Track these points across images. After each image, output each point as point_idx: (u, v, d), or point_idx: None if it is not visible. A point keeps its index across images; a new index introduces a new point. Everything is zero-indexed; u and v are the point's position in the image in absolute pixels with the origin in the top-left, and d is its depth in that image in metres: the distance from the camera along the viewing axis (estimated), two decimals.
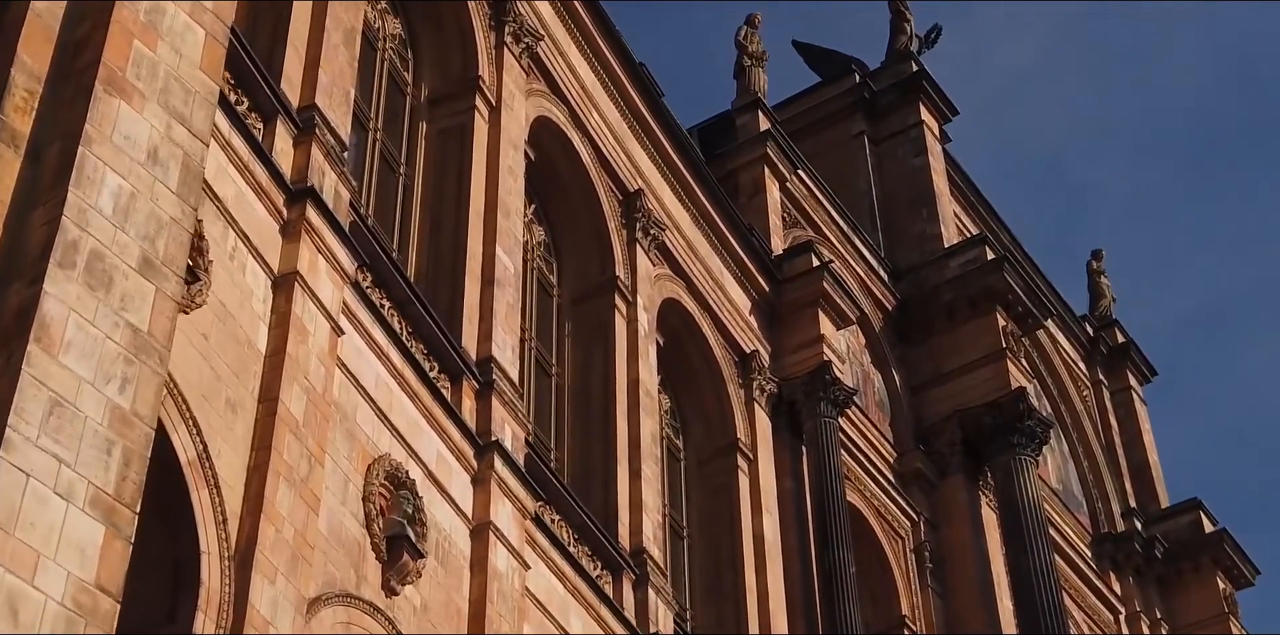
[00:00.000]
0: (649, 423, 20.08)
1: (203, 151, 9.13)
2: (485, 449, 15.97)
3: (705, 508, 22.23)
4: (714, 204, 23.91)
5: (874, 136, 31.69)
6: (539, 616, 16.26)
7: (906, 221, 30.56)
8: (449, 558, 15.00)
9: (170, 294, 8.75)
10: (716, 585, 21.54)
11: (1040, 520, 26.18)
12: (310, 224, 13.82)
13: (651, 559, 18.74)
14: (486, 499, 15.69)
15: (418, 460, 14.95)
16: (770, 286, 24.75)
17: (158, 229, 8.78)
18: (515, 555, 15.80)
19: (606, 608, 17.54)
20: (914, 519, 26.17)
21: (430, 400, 15.48)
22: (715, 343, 23.16)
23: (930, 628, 25.15)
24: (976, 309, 28.42)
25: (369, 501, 13.91)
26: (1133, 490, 33.40)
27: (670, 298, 22.48)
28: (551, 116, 20.62)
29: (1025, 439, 26.85)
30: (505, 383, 16.75)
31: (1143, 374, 35.89)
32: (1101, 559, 31.54)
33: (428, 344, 15.97)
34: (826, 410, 23.76)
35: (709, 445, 22.72)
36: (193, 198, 9.09)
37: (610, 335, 20.35)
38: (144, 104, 8.64)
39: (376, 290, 15.38)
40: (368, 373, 14.62)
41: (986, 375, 27.76)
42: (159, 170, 8.76)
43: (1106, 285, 37.31)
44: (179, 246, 8.93)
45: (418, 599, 14.26)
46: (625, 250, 21.31)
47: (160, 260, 8.71)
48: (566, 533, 17.60)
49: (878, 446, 26.38)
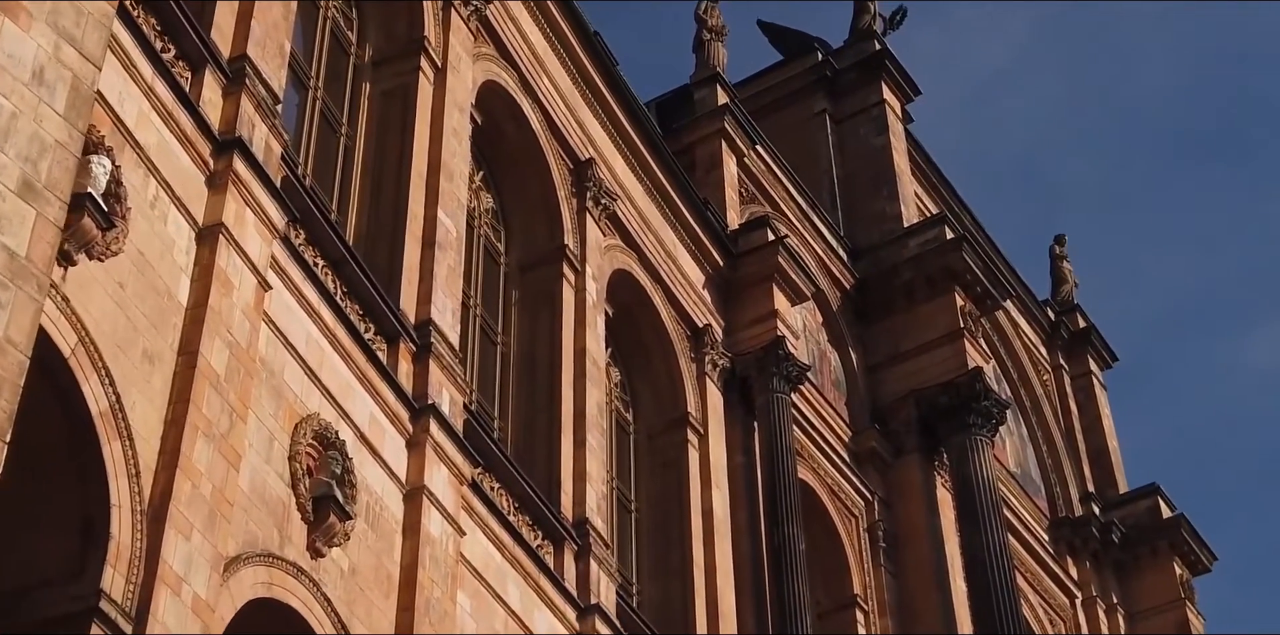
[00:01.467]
0: (595, 393, 19.78)
1: (94, 75, 8.78)
2: (421, 412, 15.64)
3: (654, 482, 21.95)
4: (668, 176, 23.61)
5: (836, 115, 31.44)
6: (475, 584, 15.95)
7: (867, 201, 30.32)
8: (380, 521, 14.67)
9: (53, 219, 8.39)
10: (664, 560, 21.26)
11: (995, 500, 25.99)
12: (237, 176, 13.46)
13: (595, 530, 18.45)
14: (421, 463, 15.37)
15: (349, 421, 14.62)
16: (725, 261, 24.47)
17: (40, 152, 8.40)
18: (450, 521, 15.48)
19: (546, 578, 17.25)
20: (868, 498, 25.95)
21: (364, 361, 15.14)
22: (667, 316, 22.87)
23: (882, 607, 24.94)
24: (935, 289, 28.21)
25: (295, 461, 13.57)
26: (1091, 475, 33.28)
27: (621, 269, 22.18)
28: (500, 81, 20.28)
29: (981, 419, 26.66)
30: (444, 346, 16.43)
31: (1103, 359, 35.76)
32: (1059, 543, 31.39)
33: (364, 305, 15.63)
34: (779, 386, 23.50)
35: (659, 419, 22.43)
36: (81, 122, 8.73)
37: (557, 304, 20.04)
38: (31, 22, 8.27)
39: (310, 248, 15.03)
40: (297, 331, 14.27)
41: (944, 355, 27.56)
42: (44, 92, 8.38)
43: (1069, 270, 37.17)
44: (64, 171, 8.58)
45: (346, 562, 13.93)
46: (575, 219, 21.00)
47: (43, 184, 8.34)
48: (506, 501, 17.29)
49: (832, 425, 26.15)
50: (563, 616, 17.29)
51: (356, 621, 13.80)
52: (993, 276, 28.70)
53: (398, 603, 14.44)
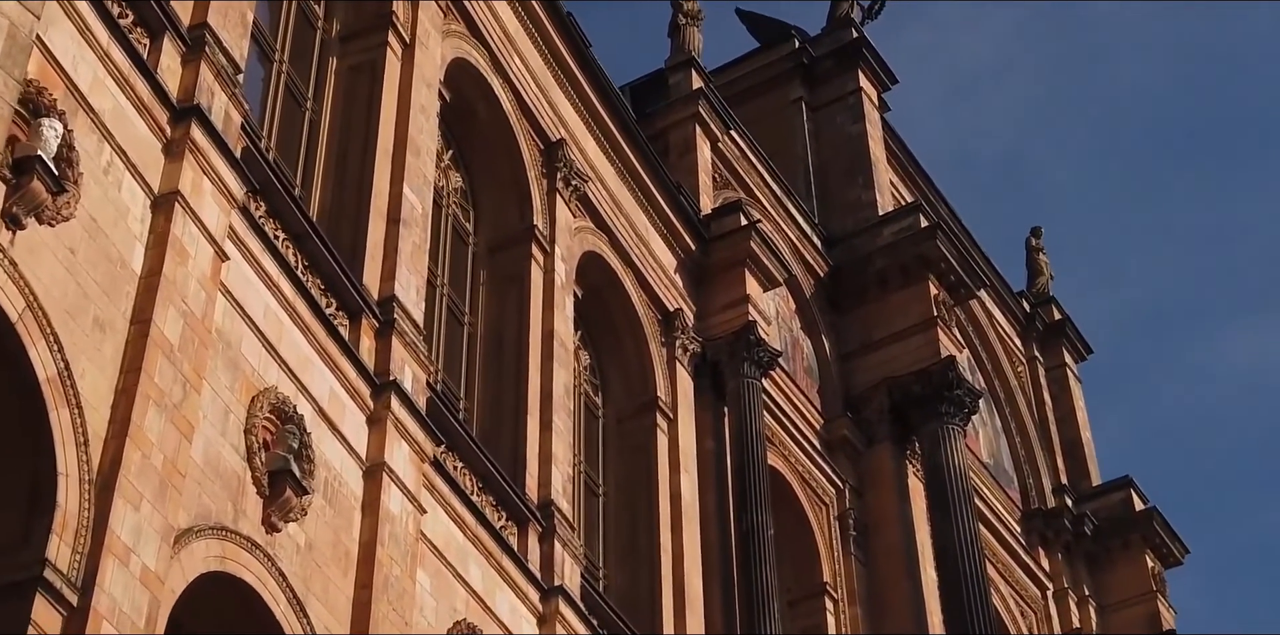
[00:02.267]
0: (563, 374, 19.61)
1: (32, 24, 8.59)
2: (382, 389, 15.45)
3: (623, 466, 21.79)
4: (640, 159, 23.44)
5: (812, 103, 31.31)
6: (435, 563, 15.77)
7: (842, 188, 30.20)
8: (338, 497, 14.48)
9: None
10: (631, 545, 21.11)
11: (966, 489, 25.89)
12: (195, 144, 13.25)
13: (559, 512, 18.27)
14: (382, 440, 15.18)
15: (308, 396, 14.42)
16: (697, 245, 24.31)
17: None
18: (410, 498, 15.29)
19: (509, 558, 17.06)
20: (839, 486, 25.83)
21: (324, 336, 14.94)
22: (638, 299, 22.70)
23: (852, 595, 24.83)
24: (909, 277, 28.10)
25: (251, 434, 13.38)
26: (1064, 467, 33.20)
27: (591, 251, 22.00)
28: (470, 59, 20.08)
29: (954, 408, 26.56)
30: (407, 323, 16.24)
31: (1078, 351, 35.70)
32: (1031, 535, 31.31)
33: (325, 279, 15.43)
34: (750, 371, 23.36)
35: (629, 403, 22.27)
36: (17, 70, 8.54)
37: (526, 285, 19.86)
38: None
39: (271, 220, 14.83)
40: (255, 303, 14.07)
41: (917, 343, 27.45)
42: None
43: (1045, 262, 37.09)
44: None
45: (302, 537, 13.73)
46: (545, 200, 20.81)
47: None
48: (470, 481, 17.11)
49: (804, 412, 26.02)
50: (525, 598, 17.11)
51: (313, 598, 13.61)
52: (967, 266, 28.60)
53: (356, 580, 14.25)
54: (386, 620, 14.25)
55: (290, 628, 13.14)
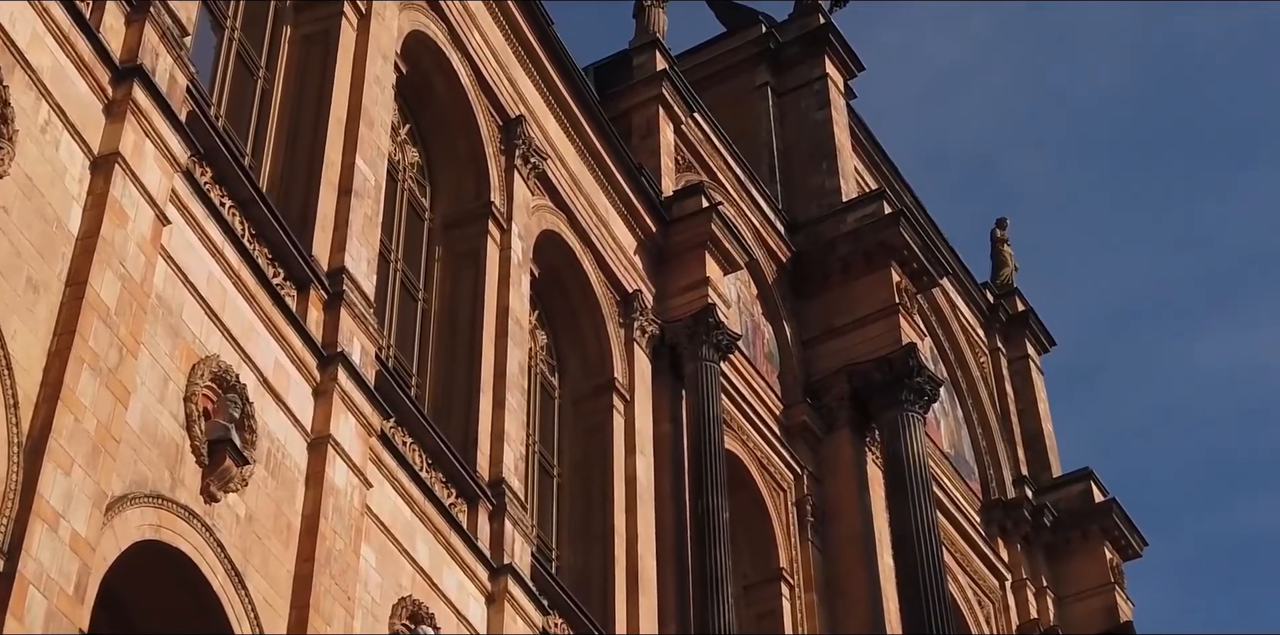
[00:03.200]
0: (517, 352, 19.39)
1: None
2: (329, 361, 15.21)
3: (578, 447, 21.60)
4: (601, 139, 23.23)
5: (778, 88, 31.14)
6: (381, 538, 15.53)
7: (806, 174, 30.04)
8: (282, 469, 14.23)
9: None
10: (585, 526, 20.92)
11: (925, 477, 25.78)
12: (137, 105, 12.98)
13: (511, 490, 18.05)
14: (328, 412, 14.94)
15: (252, 365, 14.17)
16: (658, 227, 24.13)
17: None
18: (356, 472, 15.06)
19: (458, 536, 16.84)
20: (798, 472, 25.69)
21: (270, 305, 14.69)
22: (596, 280, 22.51)
23: (808, 581, 24.68)
24: (871, 264, 27.97)
25: (191, 402, 13.12)
26: (1025, 458, 33.13)
27: (550, 230, 21.78)
28: (428, 32, 19.83)
29: (914, 395, 26.44)
30: (357, 295, 15.99)
31: (1041, 343, 35.64)
32: (991, 525, 31.21)
33: (273, 248, 15.17)
34: (709, 354, 23.18)
35: (585, 384, 22.08)
36: None
37: (481, 262, 19.63)
38: None
39: (217, 187, 14.56)
40: (198, 269, 13.81)
41: (878, 330, 27.32)
42: None
43: (1009, 254, 37.00)
44: None
45: (242, 508, 13.49)
46: (502, 177, 20.59)
47: None
48: (419, 457, 16.88)
49: (764, 398, 25.86)
50: (474, 576, 16.90)
51: (252, 570, 13.37)
52: (930, 254, 28.49)
53: (298, 553, 14.02)
54: (328, 594, 14.02)
55: (228, 599, 12.90)
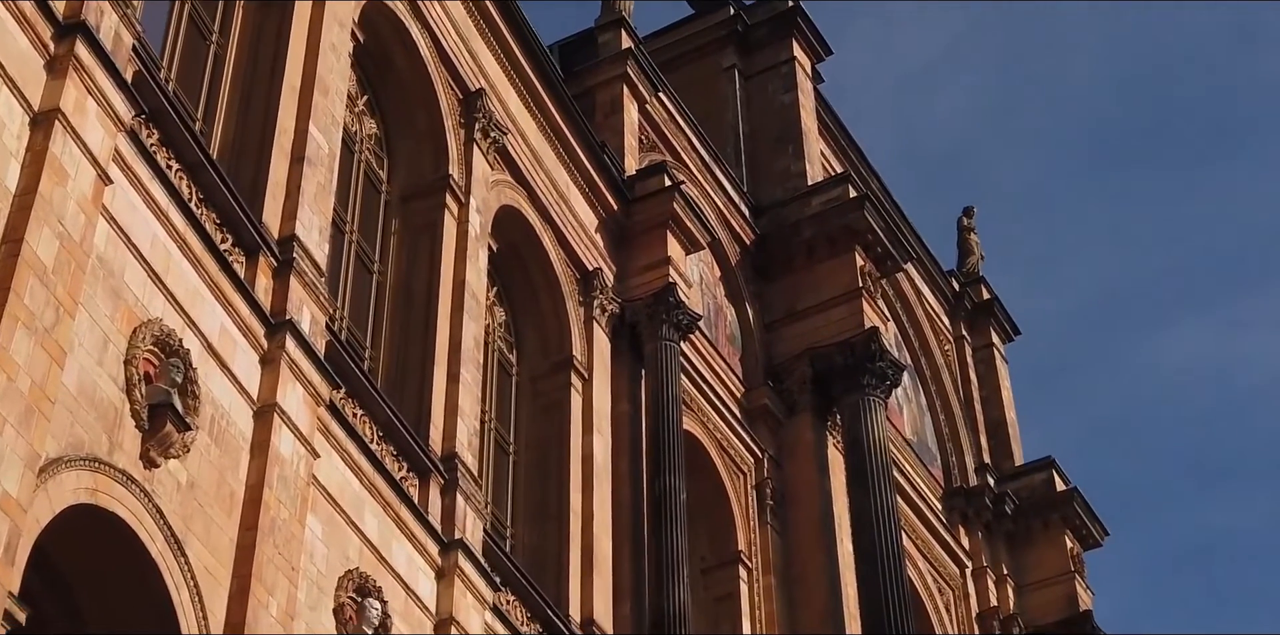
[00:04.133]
0: (473, 327, 19.17)
1: None
2: (277, 328, 14.97)
3: (535, 426, 21.40)
4: (564, 115, 23.02)
5: (745, 71, 30.97)
6: (328, 509, 15.31)
7: (772, 157, 29.88)
8: (226, 437, 13.99)
9: None
10: (540, 505, 20.73)
11: (885, 462, 25.66)
12: (80, 62, 12.72)
13: (464, 465, 17.85)
14: (275, 381, 14.70)
15: (196, 330, 13.92)
16: (620, 206, 23.93)
17: None
18: (303, 442, 14.83)
19: (408, 510, 16.63)
20: (758, 455, 25.55)
21: (217, 271, 14.44)
22: (556, 257, 22.30)
23: (766, 565, 24.55)
24: (835, 247, 27.84)
25: (131, 365, 12.87)
26: (988, 447, 33.07)
27: (509, 205, 21.57)
28: (387, 1, 19.56)
29: (876, 380, 26.32)
30: (308, 263, 15.75)
31: (1005, 332, 35.59)
32: (952, 513, 31.13)
33: (221, 213, 14.92)
34: (669, 334, 23.00)
35: (543, 362, 21.88)
36: None
37: (438, 235, 19.41)
38: None
39: (163, 149, 14.30)
40: (142, 232, 13.55)
41: (841, 314, 27.20)
42: None
43: (976, 242, 36.95)
44: None
45: (184, 475, 13.25)
46: (461, 150, 20.35)
47: None
48: (370, 429, 16.65)
49: (725, 380, 25.71)
50: (424, 550, 16.69)
51: (193, 537, 13.13)
52: (895, 238, 28.38)
53: (241, 522, 13.79)
54: (271, 564, 13.80)
55: (167, 566, 12.67)
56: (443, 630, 16.46)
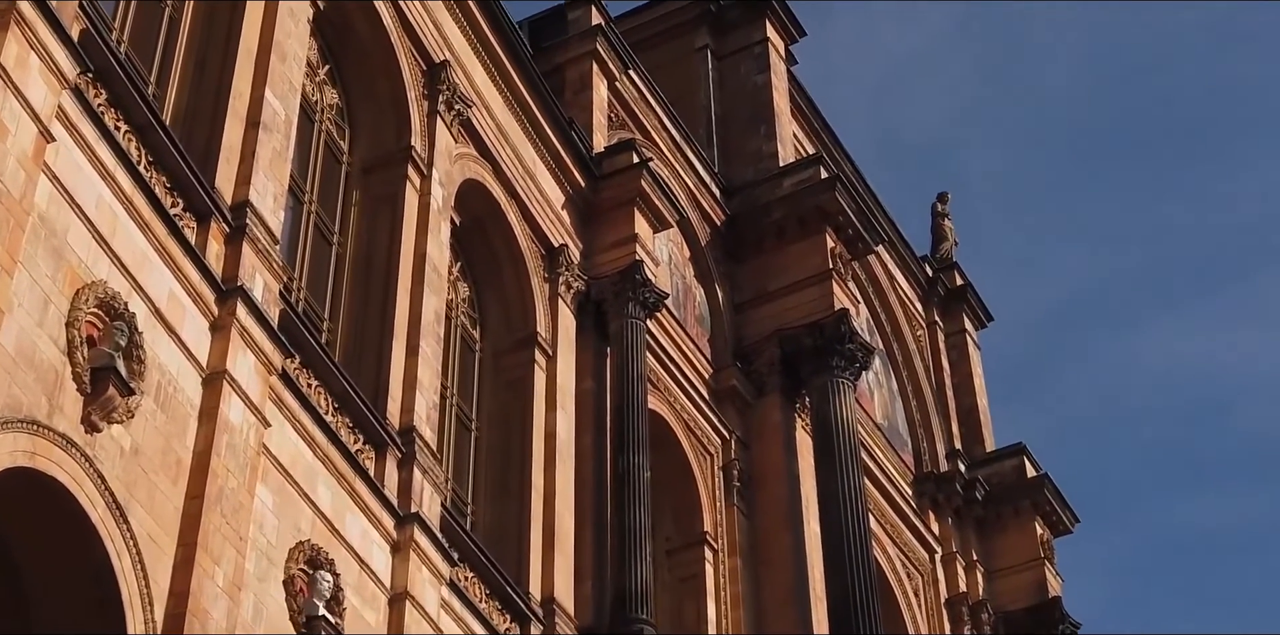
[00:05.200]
0: (434, 300, 18.92)
1: None
2: (228, 295, 14.70)
3: (497, 402, 21.16)
4: (530, 90, 22.75)
5: (718, 52, 30.73)
6: (279, 480, 15.06)
7: (744, 138, 29.66)
8: (173, 403, 13.72)
9: None
10: (502, 482, 20.50)
11: (853, 444, 25.48)
12: (22, 16, 12.42)
13: (422, 439, 17.60)
14: (225, 348, 14.43)
15: (143, 295, 13.65)
16: (587, 182, 23.68)
17: None
18: (254, 410, 14.57)
19: (363, 482, 16.38)
20: (725, 436, 25.35)
21: (165, 235, 14.16)
22: (521, 232, 22.05)
23: (732, 546, 24.36)
24: (806, 229, 27.64)
25: (73, 327, 12.60)
26: (959, 433, 32.92)
27: (473, 179, 21.31)
28: None
29: (845, 362, 26.14)
30: (261, 230, 15.48)
31: (978, 318, 35.45)
32: (922, 498, 30.97)
33: (171, 177, 14.64)
34: (635, 312, 22.78)
35: (507, 338, 21.63)
36: None
37: (399, 207, 19.13)
38: None
39: (111, 110, 14.01)
40: (87, 193, 13.27)
41: (811, 296, 27.01)
42: None
43: (950, 228, 36.79)
44: None
45: (128, 440, 12.98)
46: (424, 122, 20.08)
47: None
48: (325, 400, 16.39)
49: (693, 361, 25.49)
50: (379, 523, 16.44)
51: (136, 504, 12.87)
52: (866, 220, 28.18)
53: (187, 490, 13.54)
54: (219, 533, 13.54)
55: (108, 532, 12.41)
56: (397, 605, 16.22)
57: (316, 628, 14.65)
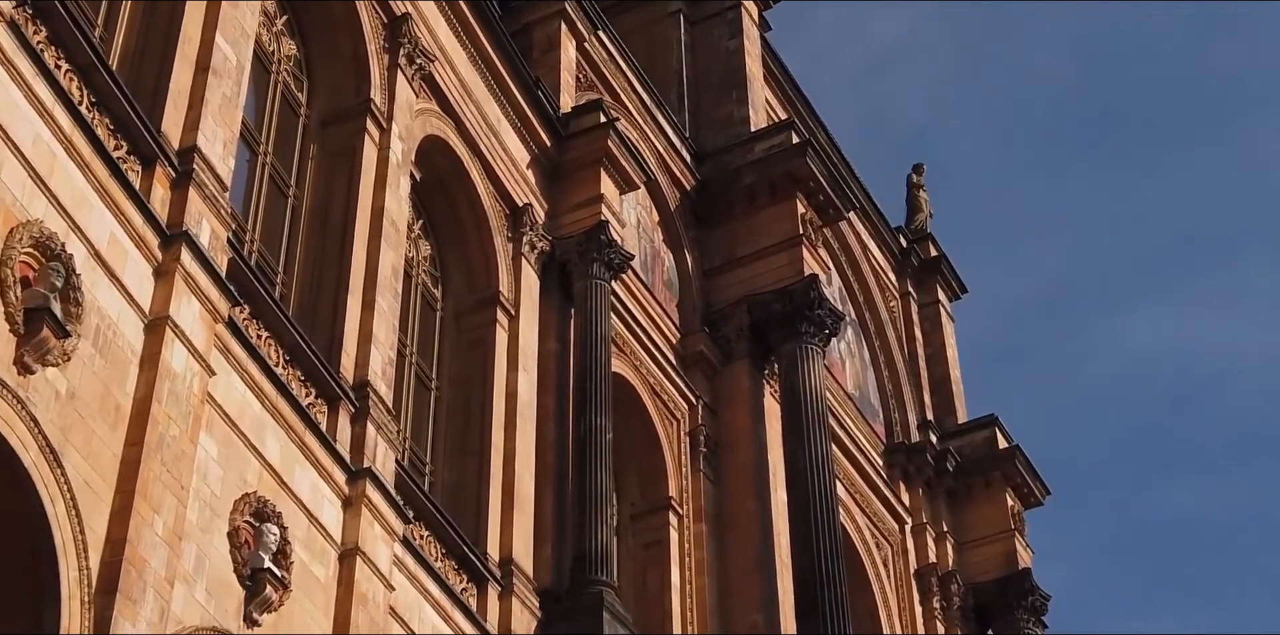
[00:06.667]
0: (391, 254, 18.59)
1: None
2: (172, 240, 14.37)
3: (458, 362, 20.86)
4: (495, 47, 22.40)
5: (690, 16, 30.41)
6: (225, 430, 14.75)
7: (716, 104, 29.37)
8: (112, 348, 13.40)
9: None
10: (461, 441, 20.21)
11: (821, 410, 25.25)
12: None
13: (376, 394, 17.29)
14: (168, 293, 14.11)
15: (82, 237, 13.32)
16: (553, 142, 23.34)
17: None
18: (198, 358, 14.25)
19: (314, 436, 16.08)
20: (692, 402, 25.09)
21: (107, 177, 13.83)
22: (484, 191, 21.72)
23: (698, 512, 24.13)
24: (776, 194, 27.37)
25: (7, 267, 12.28)
26: (931, 404, 32.69)
27: (436, 135, 20.96)
28: None
29: (814, 328, 25.91)
30: (209, 175, 15.14)
31: (952, 290, 35.22)
32: (893, 469, 30.74)
33: (115, 119, 14.30)
34: (599, 272, 22.48)
35: (469, 297, 21.32)
36: None
37: (357, 160, 18.79)
38: None
39: (51, 48, 13.66)
40: (24, 130, 12.93)
41: (780, 262, 26.76)
42: None
43: (925, 199, 36.54)
44: None
45: (63, 384, 12.67)
46: (385, 75, 19.72)
47: None
48: (275, 352, 16.08)
49: (660, 325, 25.22)
50: (330, 477, 16.15)
51: (72, 449, 12.56)
52: (837, 186, 27.91)
53: (126, 436, 13.23)
54: (159, 481, 13.24)
55: (41, 477, 12.11)
56: (348, 560, 15.94)
57: (261, 580, 14.37)
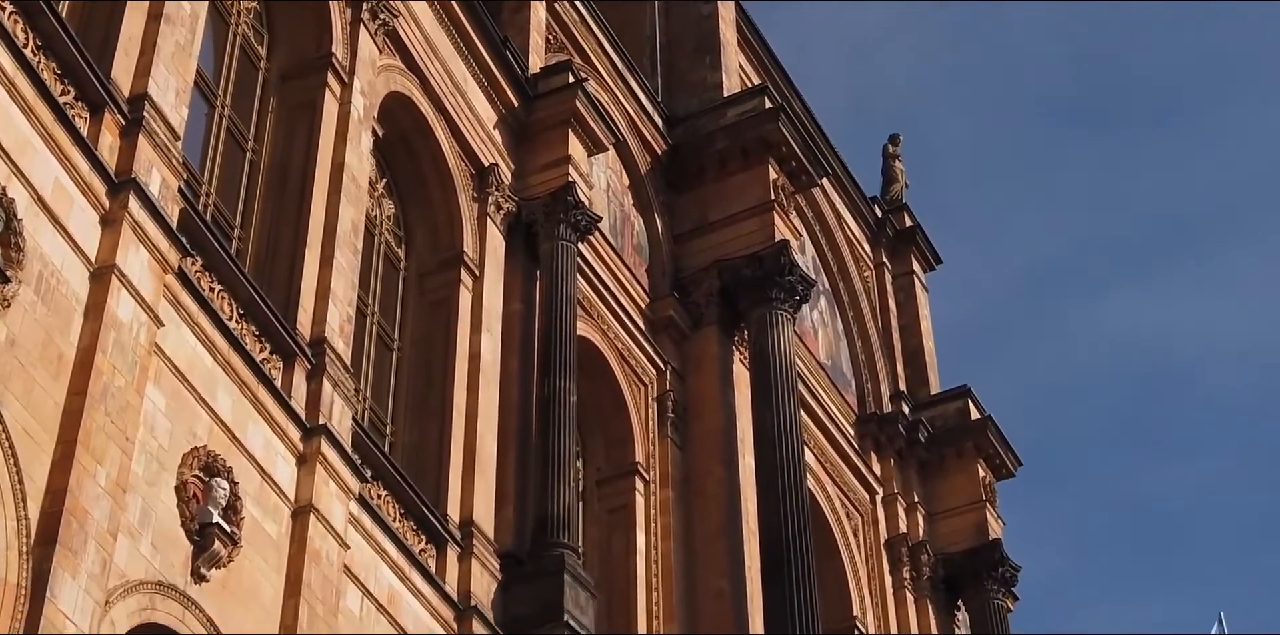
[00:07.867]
0: (350, 210, 18.32)
1: None
2: (120, 188, 14.10)
3: (421, 322, 20.63)
4: (463, 5, 22.07)
5: None
6: (174, 383, 14.51)
7: (688, 69, 29.10)
8: (55, 296, 13.15)
9: None
10: (423, 402, 20.00)
11: (790, 376, 25.10)
12: None
13: (333, 351, 17.05)
14: (115, 242, 13.85)
15: (25, 181, 13.05)
16: (521, 103, 23.05)
17: None
18: (145, 308, 14.00)
19: (267, 391, 15.84)
20: (660, 367, 24.91)
21: (53, 122, 13.54)
22: (450, 150, 21.44)
23: (665, 478, 23.97)
24: (749, 159, 27.16)
25: None
26: (904, 374, 32.56)
27: (399, 92, 20.67)
28: None
29: (785, 294, 25.74)
30: (159, 123, 14.85)
31: (927, 260, 35.07)
32: (865, 439, 30.60)
33: (62, 64, 14.00)
34: (566, 234, 22.24)
35: (432, 258, 21.08)
36: None
37: (317, 115, 18.50)
38: None
39: None
40: None
41: (751, 227, 26.58)
42: None
43: (900, 170, 36.33)
44: None
45: (3, 331, 12.41)
46: (347, 30, 19.40)
47: None
48: (229, 306, 15.83)
49: (629, 290, 25.01)
50: (283, 434, 15.92)
51: (11, 397, 12.33)
52: (810, 153, 27.69)
53: (69, 386, 12.98)
54: (102, 431, 13.01)
55: None
56: (301, 518, 15.74)
57: (210, 535, 14.16)
